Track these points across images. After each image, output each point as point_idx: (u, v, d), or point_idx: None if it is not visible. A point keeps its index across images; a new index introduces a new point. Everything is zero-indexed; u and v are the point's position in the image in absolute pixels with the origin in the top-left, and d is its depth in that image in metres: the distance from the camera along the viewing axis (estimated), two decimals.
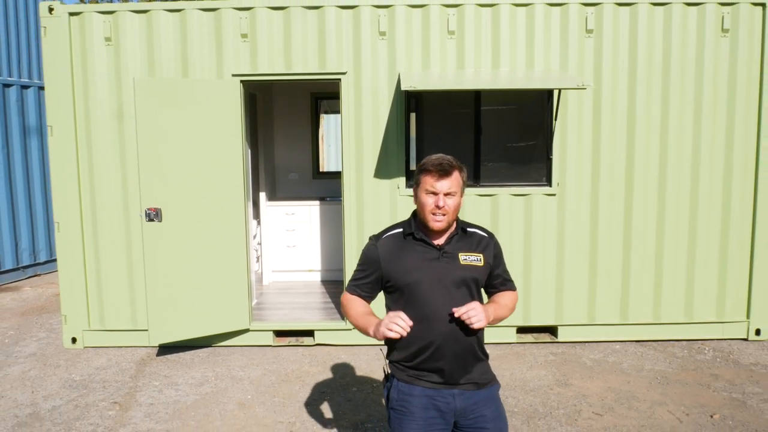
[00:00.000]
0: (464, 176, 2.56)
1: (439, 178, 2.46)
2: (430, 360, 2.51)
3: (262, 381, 5.21)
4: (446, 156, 2.52)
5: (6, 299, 8.08)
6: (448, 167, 2.47)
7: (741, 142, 5.79)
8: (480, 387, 2.55)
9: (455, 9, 5.61)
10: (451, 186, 2.47)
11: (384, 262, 2.56)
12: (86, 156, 5.80)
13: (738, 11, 5.67)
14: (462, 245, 2.56)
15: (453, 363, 2.50)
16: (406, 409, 2.52)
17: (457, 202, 2.51)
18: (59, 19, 5.65)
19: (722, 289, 5.94)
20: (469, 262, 2.53)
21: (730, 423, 4.36)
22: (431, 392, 2.50)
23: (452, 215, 2.51)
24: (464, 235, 2.59)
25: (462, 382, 2.52)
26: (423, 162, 2.53)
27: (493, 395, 2.60)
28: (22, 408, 4.76)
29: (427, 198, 2.48)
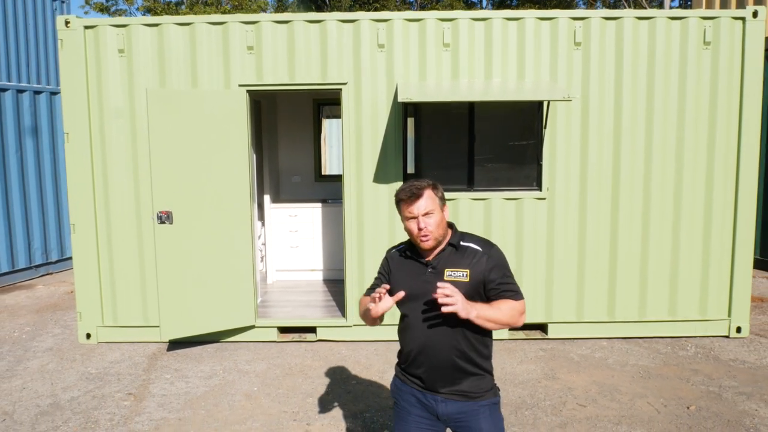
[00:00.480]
0: (438, 192, 2.67)
1: (412, 202, 2.60)
2: (412, 365, 2.72)
3: (268, 374, 5.53)
4: (415, 181, 2.66)
5: (20, 297, 8.41)
6: (416, 190, 2.61)
7: (722, 149, 6.09)
8: (470, 398, 2.66)
9: (450, 23, 5.92)
10: (427, 206, 2.60)
11: (391, 272, 2.80)
12: (100, 161, 6.12)
13: (719, 25, 5.97)
14: (450, 261, 2.67)
15: (431, 372, 2.66)
16: (400, 404, 2.80)
17: (438, 218, 2.63)
18: (75, 32, 5.97)
19: (705, 289, 6.24)
20: (453, 278, 2.63)
21: (705, 414, 4.67)
22: (418, 393, 2.72)
23: (437, 231, 2.63)
24: (455, 250, 2.69)
25: (443, 391, 2.67)
26: (396, 193, 2.69)
27: (487, 408, 2.68)
28: (43, 398, 5.09)
29: (410, 224, 2.63)
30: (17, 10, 12.95)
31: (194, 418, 4.71)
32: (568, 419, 4.61)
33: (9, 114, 8.82)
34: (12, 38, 12.77)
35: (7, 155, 8.81)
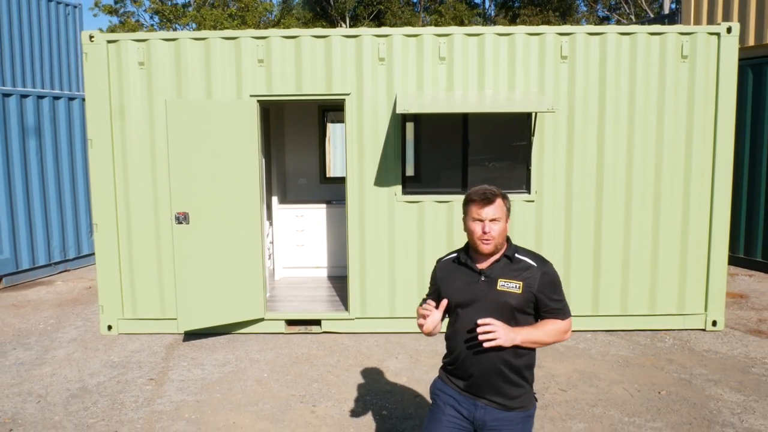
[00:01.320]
0: (507, 203, 2.76)
1: (484, 206, 2.68)
2: (458, 369, 2.81)
3: (276, 362, 6.01)
4: (490, 186, 2.75)
5: (42, 292, 8.91)
6: (491, 196, 2.70)
7: (699, 154, 6.55)
8: (508, 409, 2.74)
9: (445, 38, 6.39)
10: (495, 212, 2.69)
11: (440, 281, 2.90)
12: (121, 165, 6.60)
13: (696, 40, 6.42)
14: (504, 271, 2.74)
15: (475, 377, 2.74)
16: (437, 404, 2.89)
17: (502, 227, 2.72)
18: (99, 46, 6.46)
19: (682, 285, 6.70)
20: (506, 288, 2.70)
21: (674, 398, 5.14)
22: (458, 396, 2.81)
23: (499, 239, 2.72)
24: (509, 262, 2.76)
25: (485, 397, 2.75)
26: (469, 192, 2.77)
27: (522, 420, 2.76)
28: (72, 383, 5.58)
29: (474, 225, 2.71)
30: (32, 17, 13.46)
31: (210, 400, 5.20)
32: (550, 402, 5.08)
33: (30, 119, 9.31)
34: (27, 44, 13.28)
35: (28, 158, 9.31)
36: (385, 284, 6.67)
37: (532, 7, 32.32)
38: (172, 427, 4.74)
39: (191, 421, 4.84)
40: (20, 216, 9.22)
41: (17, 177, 9.16)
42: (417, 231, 6.60)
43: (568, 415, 4.85)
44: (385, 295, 6.69)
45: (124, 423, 4.81)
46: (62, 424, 4.81)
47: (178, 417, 4.90)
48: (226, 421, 4.81)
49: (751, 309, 7.60)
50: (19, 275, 9.38)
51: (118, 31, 28.70)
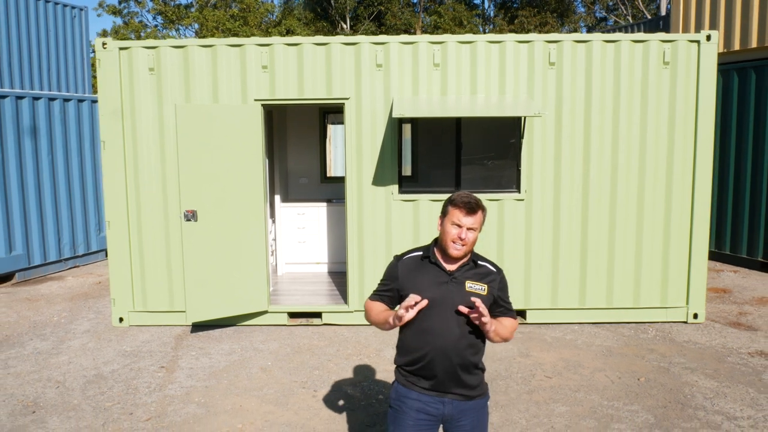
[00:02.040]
0: (485, 216, 2.90)
1: (466, 214, 2.80)
2: (425, 369, 2.88)
3: (280, 352, 6.38)
4: (474, 196, 2.88)
5: (53, 287, 9.28)
6: (474, 206, 2.82)
7: (680, 154, 6.89)
8: (469, 399, 2.91)
9: (439, 45, 6.74)
10: (474, 222, 2.82)
11: (402, 278, 2.94)
12: (132, 166, 6.96)
13: (677, 47, 6.77)
14: (471, 275, 2.91)
15: (443, 374, 2.86)
16: (401, 409, 2.93)
17: (475, 237, 2.85)
18: (111, 52, 6.82)
19: (665, 279, 7.05)
20: (473, 290, 2.87)
21: (652, 384, 5.50)
22: (424, 398, 2.89)
23: (469, 247, 2.86)
24: (474, 266, 2.93)
25: (450, 392, 2.89)
26: (453, 197, 2.87)
27: (480, 407, 2.96)
28: (88, 370, 5.95)
29: (451, 228, 2.82)
30: (39, 20, 13.82)
31: (218, 386, 5.56)
32: (535, 388, 5.44)
33: (42, 120, 9.67)
34: (35, 47, 13.65)
35: (40, 159, 9.67)
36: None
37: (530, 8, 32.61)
38: (184, 409, 5.10)
39: (201, 404, 5.20)
40: (32, 214, 9.59)
41: (29, 177, 9.52)
42: (413, 228, 6.95)
43: (552, 399, 5.21)
44: None
45: (138, 406, 5.17)
46: (81, 406, 5.17)
47: (188, 401, 5.27)
48: (234, 405, 5.18)
49: (733, 303, 7.95)
50: (31, 271, 9.74)
51: (122, 31, 29.06)
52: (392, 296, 3.00)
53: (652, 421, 4.82)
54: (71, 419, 4.95)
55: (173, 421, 4.90)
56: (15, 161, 9.29)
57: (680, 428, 4.70)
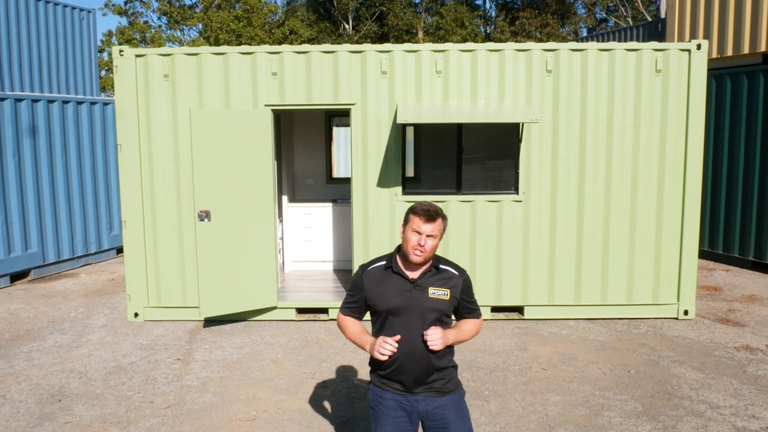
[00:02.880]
0: (445, 224, 3.06)
1: (426, 222, 2.95)
2: (395, 373, 3.05)
3: (289, 345, 6.70)
4: (434, 205, 3.04)
5: (68, 284, 9.61)
6: (434, 215, 2.98)
7: (671, 158, 7.21)
8: (442, 394, 3.07)
9: (442, 53, 7.07)
10: (434, 230, 2.96)
11: (367, 289, 3.11)
12: (147, 168, 7.28)
13: (668, 55, 7.09)
14: (433, 281, 3.05)
15: (412, 377, 3.03)
16: (380, 409, 3.12)
17: (435, 244, 3.00)
18: (128, 60, 7.14)
19: (657, 277, 7.37)
20: (436, 296, 3.03)
21: (642, 375, 5.83)
22: (399, 397, 3.07)
23: (429, 253, 3.00)
24: (437, 272, 3.08)
25: (420, 391, 3.06)
26: (414, 205, 3.03)
27: (456, 401, 3.11)
28: (108, 362, 6.28)
29: (412, 235, 2.98)
30: (48, 22, 14.13)
31: (232, 377, 5.89)
32: (531, 379, 5.77)
33: (56, 122, 10.00)
34: (44, 50, 13.96)
35: (54, 160, 10.00)
36: None
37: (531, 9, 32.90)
38: (200, 398, 5.44)
39: (216, 393, 5.53)
40: (47, 213, 9.92)
41: (44, 176, 9.85)
42: None
43: (547, 390, 5.54)
44: None
45: (157, 395, 5.50)
46: (104, 395, 5.50)
47: (204, 390, 5.60)
48: (247, 394, 5.51)
49: (723, 300, 8.27)
50: (45, 268, 10.07)
51: (128, 32, 29.38)
52: (360, 306, 3.18)
53: (640, 409, 5.15)
54: (95, 407, 5.28)
55: (191, 409, 5.23)
56: (30, 162, 9.61)
57: (666, 416, 5.02)
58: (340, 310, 3.26)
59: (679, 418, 4.99)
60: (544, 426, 4.89)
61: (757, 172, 9.53)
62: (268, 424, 4.96)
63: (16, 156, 9.41)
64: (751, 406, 5.17)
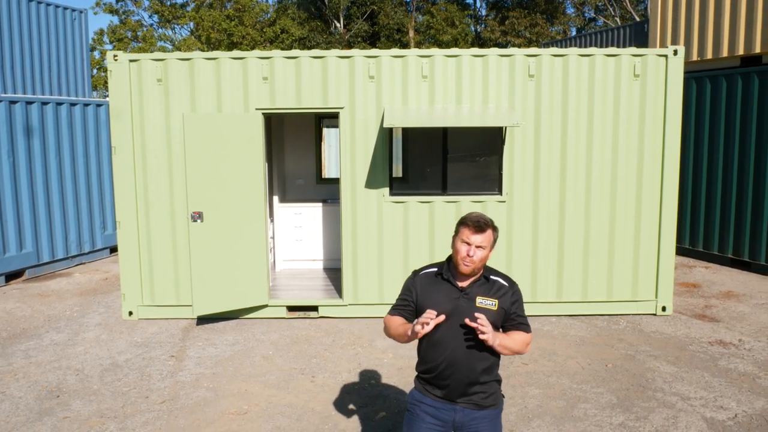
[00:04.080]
0: (495, 235, 3.02)
1: (475, 232, 2.96)
2: (437, 378, 3.06)
3: (280, 342, 6.92)
4: (485, 216, 3.02)
5: (62, 283, 9.78)
6: (484, 225, 2.98)
7: (649, 159, 7.46)
8: (480, 408, 3.05)
9: (427, 59, 7.29)
10: (483, 241, 2.96)
11: (418, 293, 3.12)
12: (141, 170, 7.47)
13: (646, 61, 7.33)
14: (482, 290, 3.04)
15: (454, 385, 3.02)
16: (416, 413, 3.14)
17: (485, 255, 2.99)
18: (122, 64, 7.33)
19: (636, 275, 7.63)
20: (484, 305, 3.00)
21: (618, 369, 6.08)
22: (438, 404, 3.08)
23: (479, 264, 2.99)
24: (486, 282, 3.07)
25: (460, 401, 3.03)
26: (465, 216, 3.03)
27: (493, 416, 3.09)
28: (104, 360, 6.48)
29: (461, 246, 2.98)
30: (40, 23, 14.25)
31: (225, 372, 6.11)
32: (512, 373, 6.01)
33: (50, 124, 10.16)
34: (36, 50, 14.07)
35: (48, 160, 10.16)
36: (374, 274, 7.58)
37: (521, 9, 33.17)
38: (194, 393, 5.65)
39: (210, 389, 5.74)
40: (41, 213, 10.08)
41: (38, 177, 10.01)
42: (402, 227, 7.50)
43: (527, 383, 5.78)
44: (375, 283, 7.59)
45: (153, 390, 5.71)
46: (101, 391, 5.71)
47: (198, 386, 5.81)
48: (240, 389, 5.72)
49: (701, 297, 8.54)
50: (40, 268, 10.23)
51: (119, 30, 29.45)
52: (410, 309, 3.15)
53: (615, 401, 5.40)
54: (93, 402, 5.49)
55: (186, 404, 5.44)
56: (24, 163, 9.77)
57: (639, 407, 5.28)
58: (388, 312, 3.22)
59: (651, 409, 5.25)
60: (522, 418, 5.13)
61: (735, 171, 9.81)
62: (259, 418, 5.18)
63: (11, 157, 9.57)
64: (721, 398, 5.43)
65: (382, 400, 5.47)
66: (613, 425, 4.99)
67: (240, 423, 5.09)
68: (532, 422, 5.05)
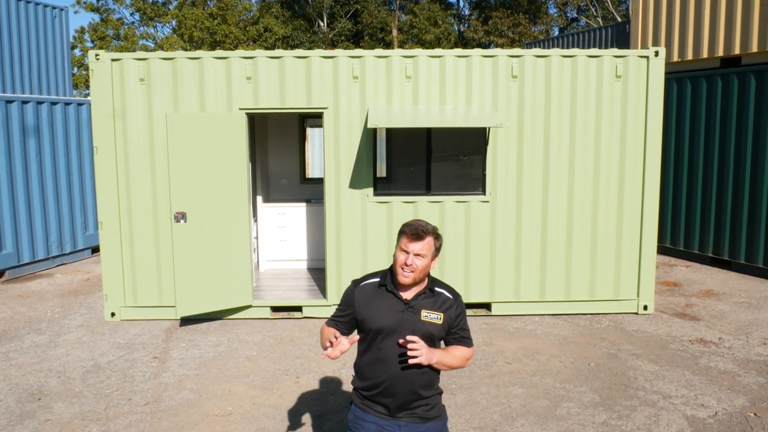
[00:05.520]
0: (437, 243, 2.89)
1: (413, 240, 2.82)
2: (380, 395, 2.94)
3: (264, 343, 6.90)
4: (424, 223, 2.88)
5: (43, 284, 9.68)
6: (422, 233, 2.83)
7: (631, 159, 7.53)
8: (425, 420, 2.97)
9: (411, 59, 7.30)
10: (422, 249, 2.82)
11: (358, 305, 2.96)
12: (124, 170, 7.41)
13: (628, 62, 7.40)
14: (427, 303, 2.92)
15: (398, 400, 2.93)
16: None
17: (425, 264, 2.84)
18: (104, 64, 7.26)
19: (618, 274, 7.70)
20: (429, 319, 2.90)
21: (601, 368, 6.13)
22: (381, 421, 2.95)
23: (419, 274, 2.86)
24: (431, 294, 2.95)
25: (403, 416, 2.95)
26: (404, 224, 2.91)
27: (439, 427, 3.02)
28: (86, 362, 6.42)
29: (399, 255, 2.85)
30: (20, 20, 14.07)
31: (208, 374, 6.08)
32: (496, 372, 6.05)
33: (30, 123, 10.04)
34: (16, 48, 13.90)
35: (29, 160, 10.04)
36: (358, 274, 7.57)
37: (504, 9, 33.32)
38: (178, 395, 5.62)
39: (193, 390, 5.72)
40: (21, 213, 9.97)
41: (19, 177, 9.90)
42: (386, 227, 7.51)
43: (511, 383, 5.82)
44: None
45: (136, 392, 5.67)
46: (83, 393, 5.66)
47: (181, 387, 5.78)
48: (223, 390, 5.70)
49: (682, 296, 8.64)
50: (20, 268, 10.12)
51: (101, 28, 29.16)
52: (348, 322, 3.03)
53: (598, 400, 5.45)
54: (75, 405, 5.44)
55: (169, 406, 5.41)
56: (4, 162, 9.66)
57: (621, 406, 5.33)
58: (325, 322, 3.11)
59: (633, 407, 5.30)
60: (506, 417, 5.17)
61: (715, 171, 9.93)
62: (243, 419, 5.16)
63: None
64: (701, 396, 5.50)
65: None
66: (596, 424, 5.04)
67: (224, 424, 5.08)
68: (516, 421, 5.09)
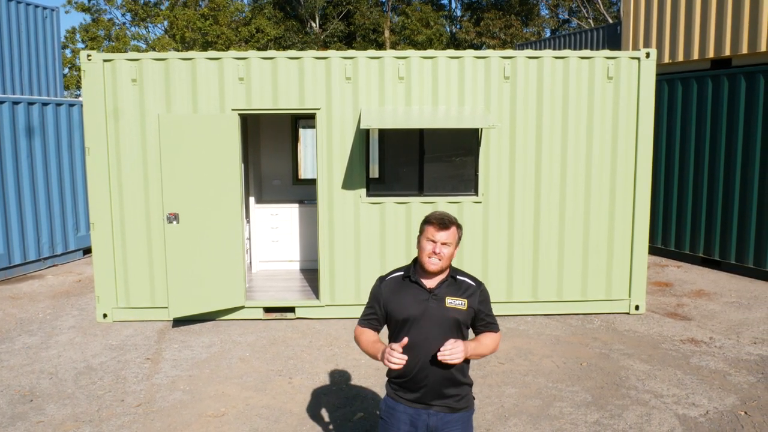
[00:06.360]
0: (460, 233, 3.05)
1: (439, 230, 2.97)
2: (410, 383, 3.03)
3: (257, 344, 6.90)
4: (448, 214, 3.04)
5: (35, 285, 9.63)
6: (447, 223, 2.99)
7: (623, 160, 7.57)
8: (453, 411, 3.05)
9: (404, 60, 7.32)
10: (448, 238, 2.98)
11: (385, 299, 3.10)
12: (116, 171, 7.39)
13: (620, 63, 7.44)
14: (450, 290, 3.03)
15: (428, 388, 3.01)
16: (390, 422, 3.11)
17: (451, 252, 3.00)
18: (96, 64, 7.24)
19: (609, 275, 7.73)
20: (453, 305, 3.00)
21: (593, 368, 6.16)
22: (410, 410, 3.05)
23: (445, 262, 3.00)
24: (454, 282, 3.07)
25: (435, 404, 3.03)
26: (429, 215, 3.05)
27: (465, 419, 3.10)
28: (78, 363, 6.40)
29: (426, 244, 2.99)
30: (11, 20, 14.00)
31: (201, 375, 6.07)
32: (489, 372, 6.06)
33: (21, 124, 10.00)
34: (6, 49, 13.82)
35: (20, 161, 10.00)
36: (351, 275, 7.58)
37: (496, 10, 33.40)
38: (171, 396, 5.61)
39: (186, 391, 5.71)
40: (12, 214, 9.92)
41: (10, 178, 9.85)
42: (379, 228, 7.52)
43: (503, 382, 5.84)
44: (352, 284, 7.60)
45: (128, 394, 5.66)
46: (75, 395, 5.64)
47: (174, 388, 5.77)
48: (216, 391, 5.69)
49: (673, 296, 8.69)
50: (11, 270, 10.07)
51: (92, 29, 29.04)
52: (378, 317, 3.15)
53: (590, 399, 5.48)
54: (67, 406, 5.42)
55: (162, 407, 5.40)
56: None
57: (613, 405, 5.36)
58: (357, 323, 3.22)
59: (625, 407, 5.33)
60: (499, 416, 5.19)
61: (706, 172, 9.99)
62: (236, 420, 5.16)
63: None
64: (692, 395, 5.54)
65: (360, 401, 5.49)
66: (588, 423, 5.07)
67: (217, 425, 5.07)
68: (509, 421, 5.11)
